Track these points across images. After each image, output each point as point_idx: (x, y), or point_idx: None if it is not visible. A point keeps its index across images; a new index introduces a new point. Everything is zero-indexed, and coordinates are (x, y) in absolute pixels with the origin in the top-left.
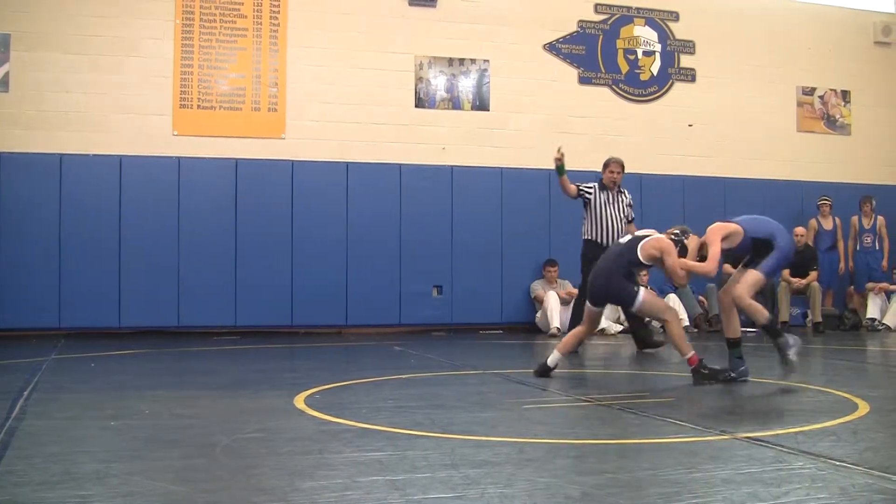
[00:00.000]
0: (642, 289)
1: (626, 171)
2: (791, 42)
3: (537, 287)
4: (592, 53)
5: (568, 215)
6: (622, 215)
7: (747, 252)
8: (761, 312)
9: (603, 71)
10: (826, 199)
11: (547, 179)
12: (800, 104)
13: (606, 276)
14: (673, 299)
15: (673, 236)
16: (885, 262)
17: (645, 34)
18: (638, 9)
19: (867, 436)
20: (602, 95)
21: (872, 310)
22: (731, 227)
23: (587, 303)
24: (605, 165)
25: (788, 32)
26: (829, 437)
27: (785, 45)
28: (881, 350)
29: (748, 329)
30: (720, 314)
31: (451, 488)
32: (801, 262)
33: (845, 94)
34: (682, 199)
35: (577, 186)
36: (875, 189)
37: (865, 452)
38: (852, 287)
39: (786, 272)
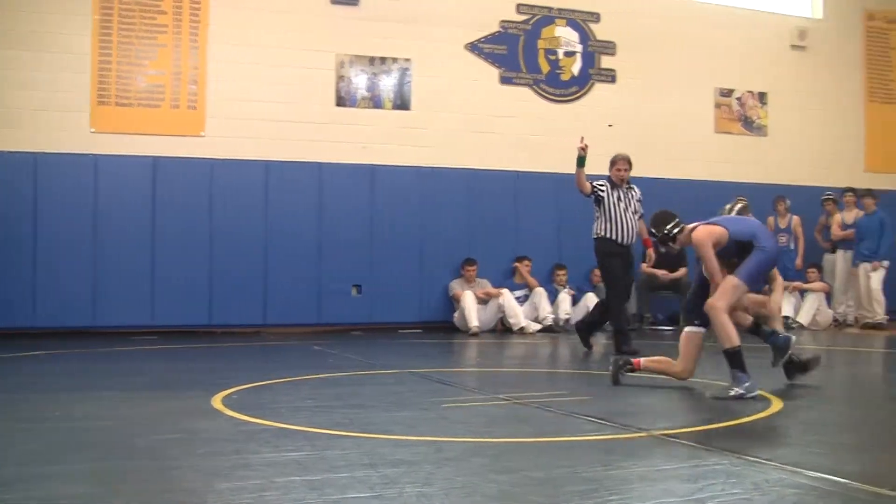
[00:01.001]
0: None
1: (542, 170)
2: (710, 44)
3: (455, 286)
4: (514, 53)
5: (487, 214)
6: (633, 212)
7: (731, 256)
8: (727, 334)
9: (524, 71)
10: (742, 200)
11: (467, 179)
12: (717, 105)
13: None
14: (590, 298)
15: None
16: (799, 261)
17: (566, 35)
18: (559, 9)
19: (780, 431)
20: (523, 95)
21: (787, 308)
22: (717, 230)
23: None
24: (613, 163)
25: (707, 35)
26: (743, 433)
27: (704, 48)
28: (797, 347)
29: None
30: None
31: (370, 488)
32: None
33: (762, 96)
34: None
35: (591, 184)
36: (790, 189)
37: (778, 448)
38: (767, 286)
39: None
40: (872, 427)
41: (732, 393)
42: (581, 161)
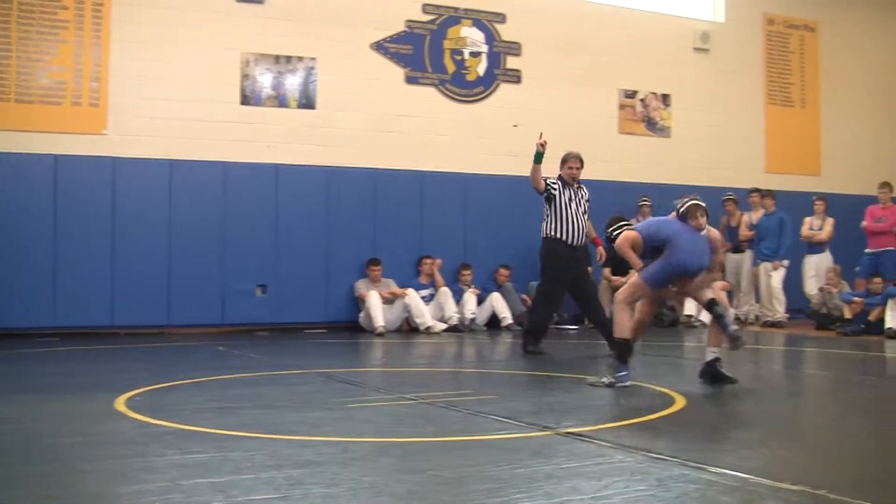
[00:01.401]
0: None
1: (447, 170)
2: (614, 46)
3: (361, 286)
4: (419, 53)
5: (392, 214)
6: (584, 212)
7: (652, 256)
8: (621, 326)
9: (430, 71)
10: (646, 200)
11: (373, 178)
12: (622, 107)
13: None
14: (495, 297)
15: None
16: None
17: (472, 35)
18: (465, 10)
19: (683, 429)
20: (428, 95)
21: (689, 307)
22: (632, 234)
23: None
24: (564, 161)
25: (612, 37)
26: (647, 430)
27: (608, 49)
28: (697, 346)
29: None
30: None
31: (275, 489)
32: (622, 260)
33: (665, 98)
34: (506, 199)
35: (545, 181)
36: (693, 190)
37: (682, 445)
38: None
39: (606, 270)
40: (773, 423)
41: (605, 380)
42: (538, 157)
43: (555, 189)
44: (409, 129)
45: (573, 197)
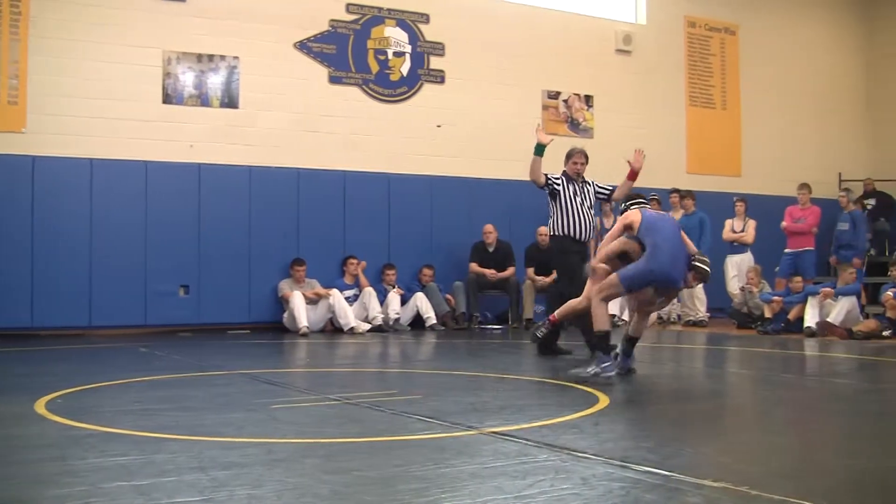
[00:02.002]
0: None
1: (371, 169)
2: (538, 47)
3: (284, 287)
4: (343, 53)
5: (316, 214)
6: (590, 206)
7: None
8: (600, 319)
9: (353, 71)
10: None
11: (296, 178)
12: (545, 107)
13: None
14: (420, 297)
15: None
16: None
17: (395, 35)
18: (389, 10)
19: (607, 427)
20: (352, 95)
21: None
22: (635, 216)
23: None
24: (569, 156)
25: (535, 38)
26: (571, 429)
27: (532, 50)
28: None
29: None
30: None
31: (199, 491)
32: (546, 260)
33: (588, 99)
34: (430, 199)
35: (546, 175)
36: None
37: (606, 443)
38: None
39: (530, 270)
40: (695, 421)
41: (591, 370)
42: (539, 149)
43: (558, 185)
44: (332, 129)
45: (578, 192)
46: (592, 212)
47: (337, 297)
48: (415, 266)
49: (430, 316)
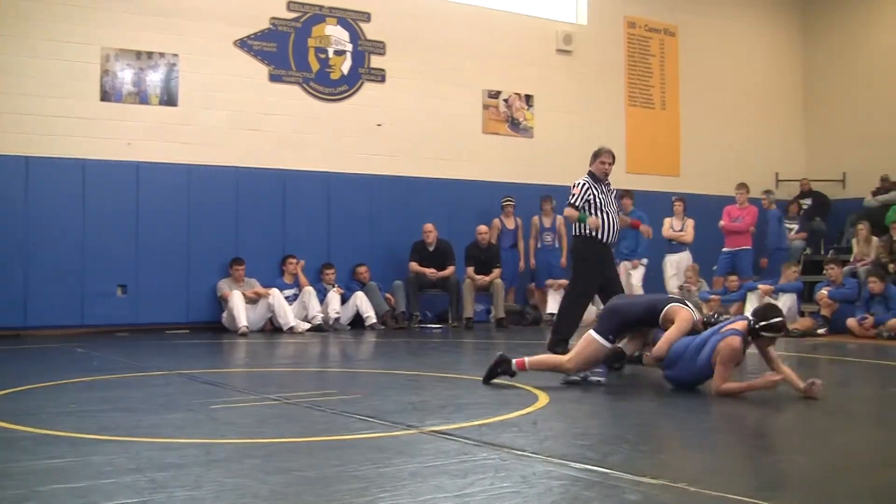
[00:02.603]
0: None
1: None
2: (479, 47)
3: (224, 286)
4: (283, 51)
5: (255, 213)
6: (615, 208)
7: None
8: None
9: (294, 69)
10: (509, 199)
11: (235, 177)
12: (486, 107)
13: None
14: (359, 297)
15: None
16: (563, 260)
17: (336, 34)
18: (330, 8)
19: (547, 426)
20: (292, 94)
21: (552, 305)
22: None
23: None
24: (596, 155)
25: (476, 37)
26: (511, 428)
27: (473, 50)
28: None
29: None
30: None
31: (137, 493)
32: (485, 259)
33: (529, 99)
34: (369, 198)
35: (576, 204)
36: (555, 189)
37: (545, 442)
38: (533, 284)
39: (470, 269)
40: (633, 418)
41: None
42: (583, 218)
43: (590, 196)
44: (272, 128)
45: (604, 193)
46: (618, 213)
47: (276, 297)
48: (354, 265)
49: (369, 315)
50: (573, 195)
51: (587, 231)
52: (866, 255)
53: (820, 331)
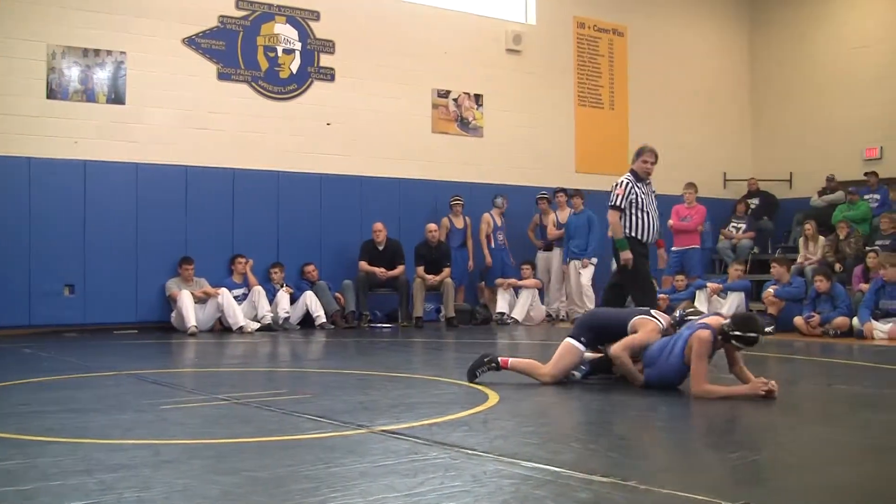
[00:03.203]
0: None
1: (260, 167)
2: (428, 46)
3: (172, 286)
4: (232, 49)
5: (204, 212)
6: (656, 209)
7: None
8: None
9: (242, 67)
10: (458, 199)
11: (184, 176)
12: (435, 106)
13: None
14: (309, 296)
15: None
16: (513, 259)
17: (285, 32)
18: (279, 6)
19: (497, 425)
20: (241, 92)
21: (502, 304)
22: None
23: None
24: (639, 154)
25: (426, 36)
26: (461, 427)
27: (422, 49)
28: (510, 343)
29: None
30: None
31: (86, 495)
32: (435, 258)
33: (478, 98)
34: (319, 197)
35: (619, 206)
36: (505, 189)
37: (496, 440)
38: (483, 282)
39: (420, 269)
40: (584, 417)
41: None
42: (623, 244)
43: (632, 195)
44: (221, 126)
45: (647, 193)
46: (657, 212)
47: (226, 296)
48: (304, 264)
49: (319, 315)
50: (616, 195)
51: (629, 232)
52: (813, 255)
53: (767, 329)
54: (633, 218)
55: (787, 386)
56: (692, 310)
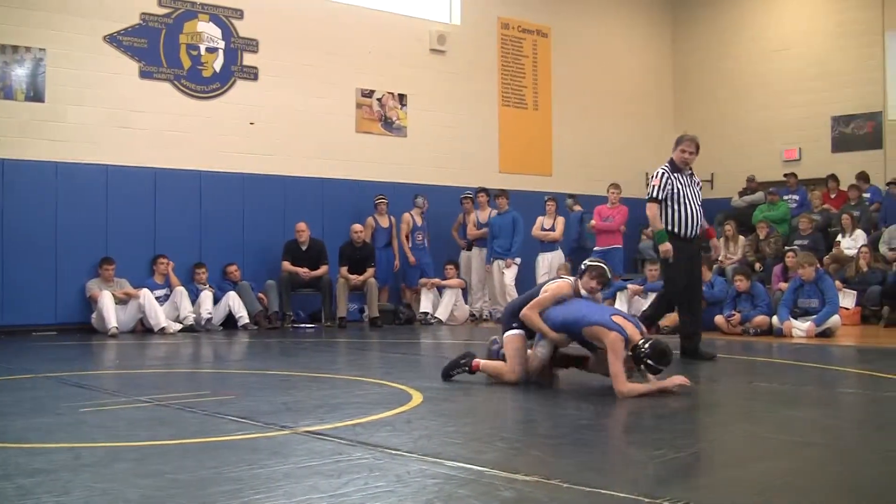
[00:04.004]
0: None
1: (182, 167)
2: (352, 45)
3: (93, 286)
4: (155, 47)
5: (125, 212)
6: (699, 200)
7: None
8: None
9: (165, 66)
10: (382, 198)
11: (105, 175)
12: (359, 106)
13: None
14: (232, 297)
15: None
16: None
17: (209, 30)
18: (203, 4)
19: (421, 424)
20: (163, 90)
21: (425, 304)
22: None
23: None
24: (678, 143)
25: (350, 36)
26: (385, 427)
27: (346, 48)
28: (433, 343)
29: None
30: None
31: (5, 499)
32: (359, 259)
33: (402, 98)
34: (242, 197)
35: (656, 198)
36: (429, 188)
37: (419, 440)
38: (405, 283)
39: (343, 269)
40: (507, 416)
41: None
42: (662, 237)
43: (669, 185)
44: (143, 125)
45: (687, 184)
46: (700, 205)
47: (147, 297)
48: (227, 264)
49: (242, 315)
50: (652, 186)
51: (671, 227)
52: (733, 254)
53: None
54: (670, 210)
55: (710, 384)
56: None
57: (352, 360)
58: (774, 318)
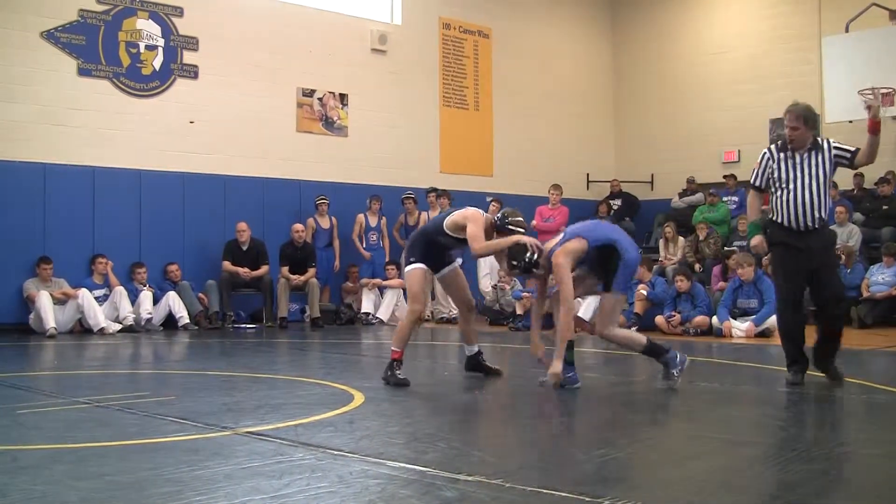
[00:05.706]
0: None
1: (121, 165)
2: (293, 44)
3: (30, 286)
4: (93, 45)
5: (62, 211)
6: (818, 184)
7: (594, 263)
8: (634, 339)
9: (103, 63)
10: (323, 199)
11: (42, 173)
12: (299, 105)
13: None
14: (172, 297)
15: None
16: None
17: (148, 28)
18: (142, 2)
19: (362, 425)
20: (102, 88)
21: (367, 304)
22: (574, 245)
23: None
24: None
25: (291, 35)
26: (327, 428)
27: (287, 47)
28: (375, 343)
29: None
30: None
31: None
32: (300, 259)
33: (343, 97)
34: (182, 196)
35: (754, 185)
36: (371, 188)
37: (361, 441)
38: (348, 282)
39: (284, 269)
40: (448, 416)
41: (675, 374)
42: (755, 229)
43: (770, 170)
44: (81, 123)
45: (797, 165)
46: (822, 188)
47: (86, 297)
48: (166, 264)
49: (182, 315)
50: (753, 172)
51: (772, 214)
52: (673, 255)
53: (632, 328)
54: (774, 197)
55: (650, 383)
56: (510, 210)
57: (293, 361)
58: (714, 319)
